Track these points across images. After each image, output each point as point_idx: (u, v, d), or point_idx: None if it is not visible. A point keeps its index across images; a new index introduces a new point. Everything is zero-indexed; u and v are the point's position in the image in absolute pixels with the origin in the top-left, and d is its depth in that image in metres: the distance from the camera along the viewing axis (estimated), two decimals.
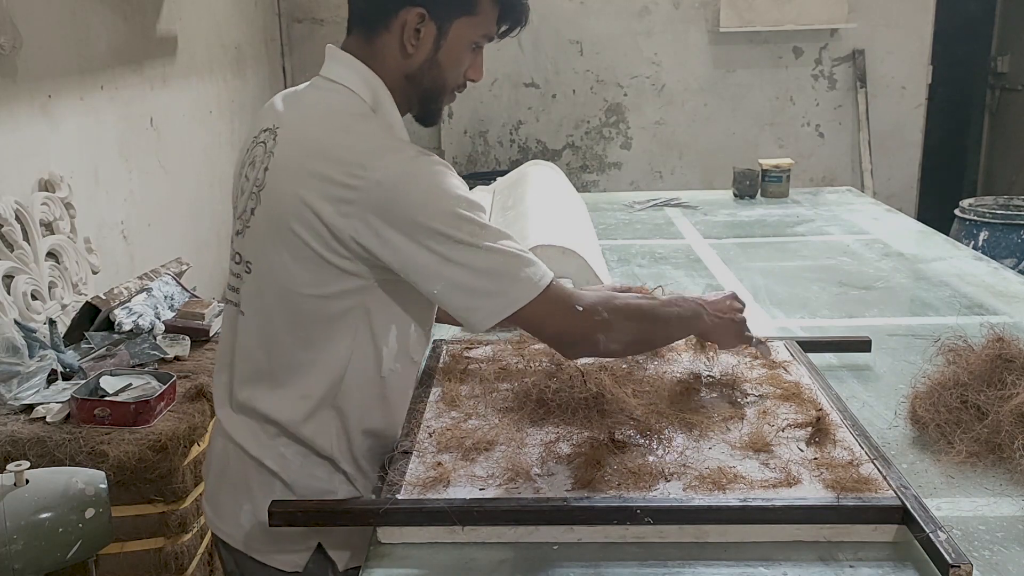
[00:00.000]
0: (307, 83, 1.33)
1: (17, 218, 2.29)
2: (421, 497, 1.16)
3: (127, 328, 2.29)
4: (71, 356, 2.12)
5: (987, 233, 3.83)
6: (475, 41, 1.26)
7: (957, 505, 1.21)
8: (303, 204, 1.17)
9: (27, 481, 1.48)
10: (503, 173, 3.41)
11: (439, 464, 1.24)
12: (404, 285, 1.21)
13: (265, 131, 1.27)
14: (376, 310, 1.24)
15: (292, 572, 1.30)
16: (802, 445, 1.28)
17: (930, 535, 1.04)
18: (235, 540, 1.32)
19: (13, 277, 2.26)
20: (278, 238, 1.20)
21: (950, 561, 1.00)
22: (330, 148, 1.18)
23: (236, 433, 1.30)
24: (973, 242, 3.78)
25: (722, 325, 1.41)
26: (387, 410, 1.32)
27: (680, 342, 1.71)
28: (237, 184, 1.32)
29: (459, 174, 3.41)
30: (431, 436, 1.32)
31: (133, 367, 2.16)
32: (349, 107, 1.23)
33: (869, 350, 1.72)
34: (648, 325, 1.30)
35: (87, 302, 2.34)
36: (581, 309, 1.21)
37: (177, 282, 2.57)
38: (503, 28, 1.29)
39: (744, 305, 1.48)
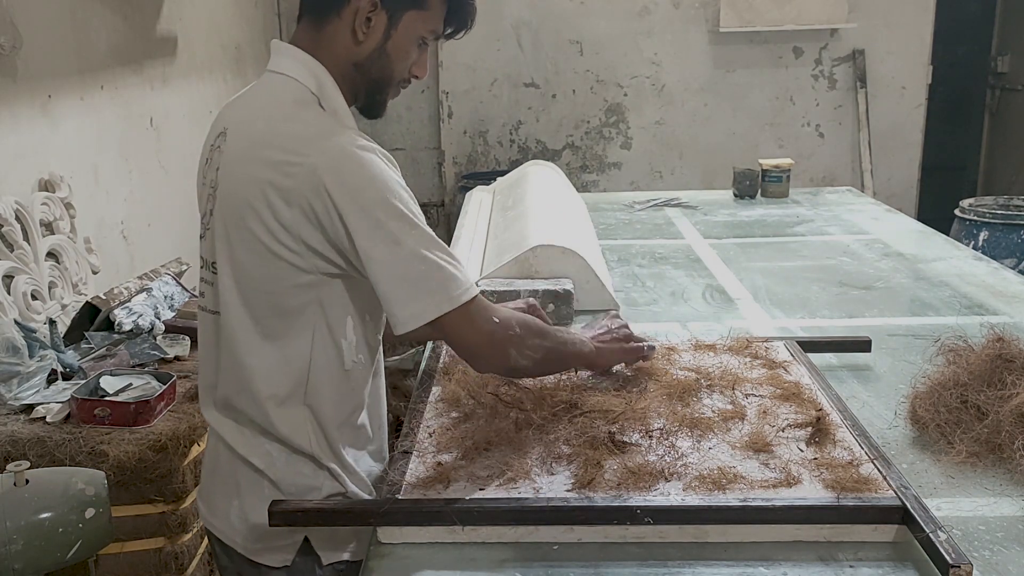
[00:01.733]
0: (257, 81, 1.34)
1: (17, 218, 2.29)
2: (421, 497, 1.16)
3: (127, 328, 2.29)
4: (71, 356, 2.12)
5: (987, 233, 3.83)
6: (422, 36, 1.27)
7: (957, 505, 1.21)
8: (251, 198, 1.18)
9: (27, 481, 1.48)
10: (503, 173, 3.41)
11: (439, 464, 1.24)
12: (354, 277, 1.22)
13: (219, 135, 1.28)
14: (330, 304, 1.23)
15: (280, 568, 1.31)
16: (802, 445, 1.28)
17: (930, 535, 1.04)
18: (226, 536, 1.33)
19: (13, 277, 2.26)
20: (234, 236, 1.21)
21: (950, 561, 1.00)
22: (272, 137, 1.19)
23: (223, 431, 1.31)
24: (973, 242, 3.78)
25: (608, 350, 1.46)
26: (358, 402, 1.32)
27: (679, 343, 1.71)
28: (199, 190, 1.34)
29: (459, 174, 3.42)
30: (431, 436, 1.32)
31: (133, 367, 2.16)
32: (292, 96, 1.23)
33: (869, 350, 1.72)
34: (552, 345, 1.32)
35: (87, 302, 2.34)
36: (497, 321, 1.23)
37: (177, 282, 2.57)
38: (449, 29, 1.31)
39: (624, 323, 1.54)
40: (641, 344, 1.51)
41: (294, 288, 1.21)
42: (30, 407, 1.96)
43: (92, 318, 2.32)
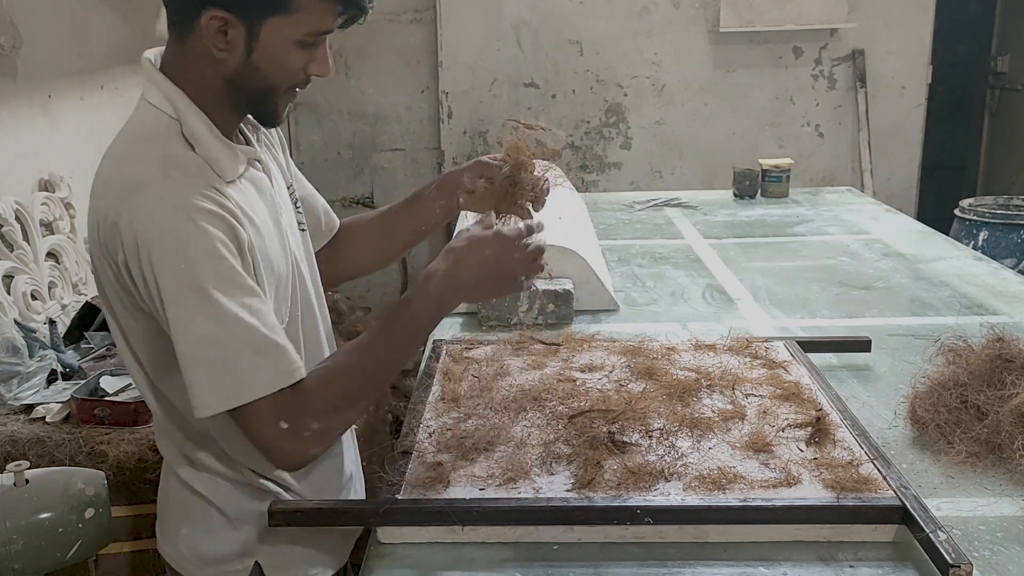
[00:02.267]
0: None
1: (17, 218, 2.29)
2: (421, 497, 1.16)
3: None
4: (71, 356, 2.12)
5: (987, 233, 3.83)
6: (298, 40, 1.12)
7: (957, 505, 1.21)
8: (93, 243, 1.13)
9: (27, 481, 1.48)
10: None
11: (439, 464, 1.24)
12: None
13: None
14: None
15: None
16: (802, 445, 1.28)
17: (930, 535, 1.05)
18: (178, 564, 1.28)
19: (13, 277, 2.26)
20: (99, 280, 1.16)
21: (950, 561, 1.00)
22: (108, 181, 1.11)
23: (170, 458, 1.26)
24: (973, 242, 3.78)
25: (470, 285, 1.18)
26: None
27: (679, 343, 1.71)
28: None
29: None
30: (431, 436, 1.33)
31: None
32: (139, 129, 1.15)
33: (869, 350, 1.72)
34: (365, 386, 1.15)
35: (87, 302, 2.34)
36: (286, 427, 1.08)
37: None
38: (341, 20, 1.15)
39: (522, 246, 1.21)
40: (524, 280, 1.21)
41: (145, 333, 1.14)
42: (30, 407, 1.96)
43: (92, 318, 2.32)
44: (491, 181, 1.35)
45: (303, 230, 1.34)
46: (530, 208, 1.35)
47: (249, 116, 1.22)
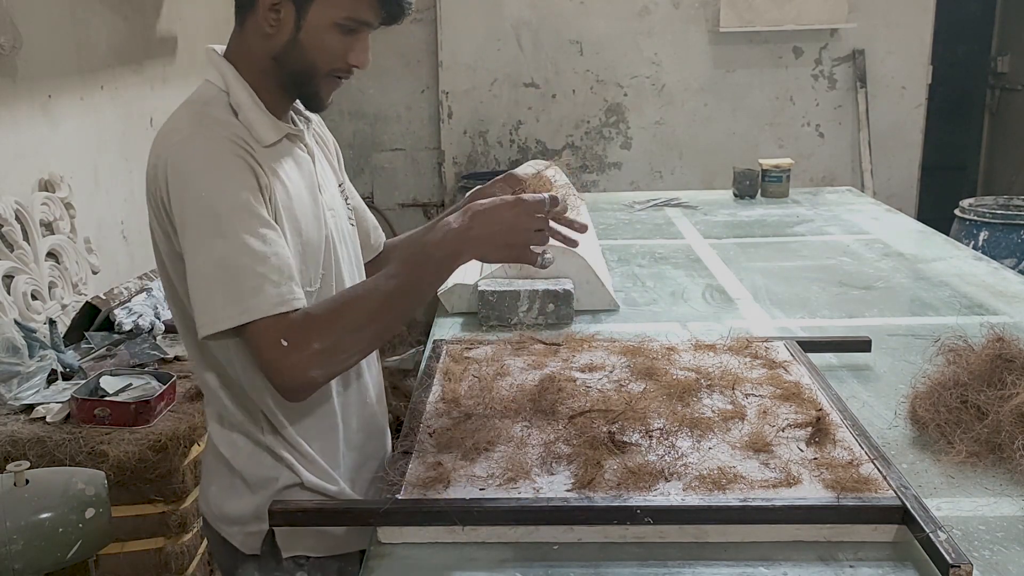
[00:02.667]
0: None
1: (17, 218, 2.29)
2: (421, 497, 1.16)
3: (127, 328, 2.29)
4: (71, 356, 2.12)
5: (987, 233, 3.83)
6: (339, 23, 1.21)
7: (957, 505, 1.21)
8: (149, 197, 1.22)
9: (27, 481, 1.48)
10: (503, 173, 3.40)
11: (439, 464, 1.24)
12: None
13: None
14: None
15: (251, 555, 1.33)
16: (802, 445, 1.28)
17: (930, 535, 1.04)
18: (209, 518, 1.38)
19: (13, 277, 2.26)
20: (154, 234, 1.25)
21: (950, 561, 1.00)
22: (151, 151, 1.22)
23: (208, 419, 1.35)
24: (973, 242, 3.78)
25: (487, 236, 1.19)
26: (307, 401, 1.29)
27: (679, 343, 1.71)
28: None
29: (459, 174, 3.41)
30: (431, 436, 1.32)
31: (133, 367, 2.16)
32: (195, 96, 1.27)
33: (869, 350, 1.72)
34: (374, 319, 1.17)
35: (87, 302, 2.34)
36: (286, 344, 1.12)
37: None
38: (384, 14, 1.24)
39: (544, 203, 1.23)
40: (536, 251, 1.22)
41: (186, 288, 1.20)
42: (30, 407, 1.96)
43: (92, 318, 2.33)
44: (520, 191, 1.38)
45: (352, 224, 1.43)
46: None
47: (299, 104, 1.32)
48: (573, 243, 1.38)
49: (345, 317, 1.17)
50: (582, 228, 1.37)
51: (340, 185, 1.44)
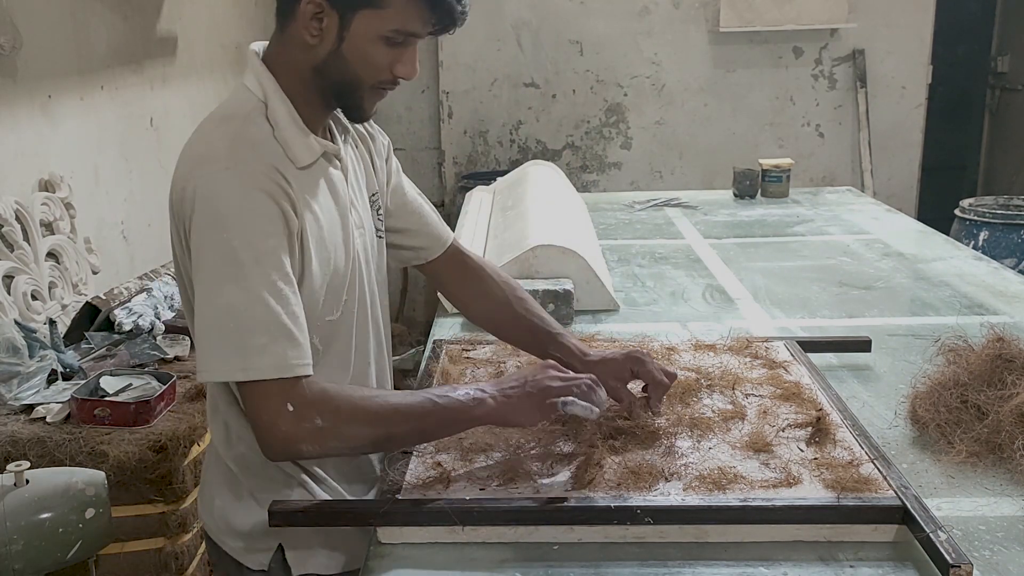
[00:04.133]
0: None
1: (17, 218, 2.29)
2: (421, 497, 1.16)
3: (127, 328, 2.29)
4: (71, 356, 2.12)
5: (987, 233, 3.83)
6: (384, 35, 1.16)
7: (957, 505, 1.21)
8: (171, 216, 1.19)
9: (27, 481, 1.48)
10: (503, 173, 3.41)
11: (438, 464, 1.24)
12: None
13: None
14: None
15: (258, 571, 1.29)
16: (802, 445, 1.28)
17: (930, 535, 1.04)
18: (214, 533, 1.34)
19: (13, 277, 2.26)
20: (175, 253, 1.21)
21: (950, 561, 1.00)
22: (181, 158, 1.18)
23: (212, 429, 1.32)
24: (973, 242, 3.78)
25: (512, 404, 1.20)
26: None
27: (679, 343, 1.71)
28: None
29: (459, 174, 3.42)
30: None
31: (133, 367, 2.16)
32: (231, 110, 1.21)
33: (869, 350, 1.72)
34: (384, 432, 1.15)
35: (87, 302, 2.34)
36: (292, 409, 1.09)
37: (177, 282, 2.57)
38: (431, 27, 1.19)
39: (562, 375, 1.25)
40: (556, 401, 1.20)
41: None
42: (30, 407, 1.96)
43: (92, 318, 2.33)
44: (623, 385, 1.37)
45: (380, 237, 1.38)
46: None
47: (340, 113, 1.28)
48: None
49: (360, 414, 1.14)
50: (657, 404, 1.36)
51: (373, 195, 1.38)
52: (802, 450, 1.27)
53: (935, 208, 4.93)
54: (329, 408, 1.11)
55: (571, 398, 1.20)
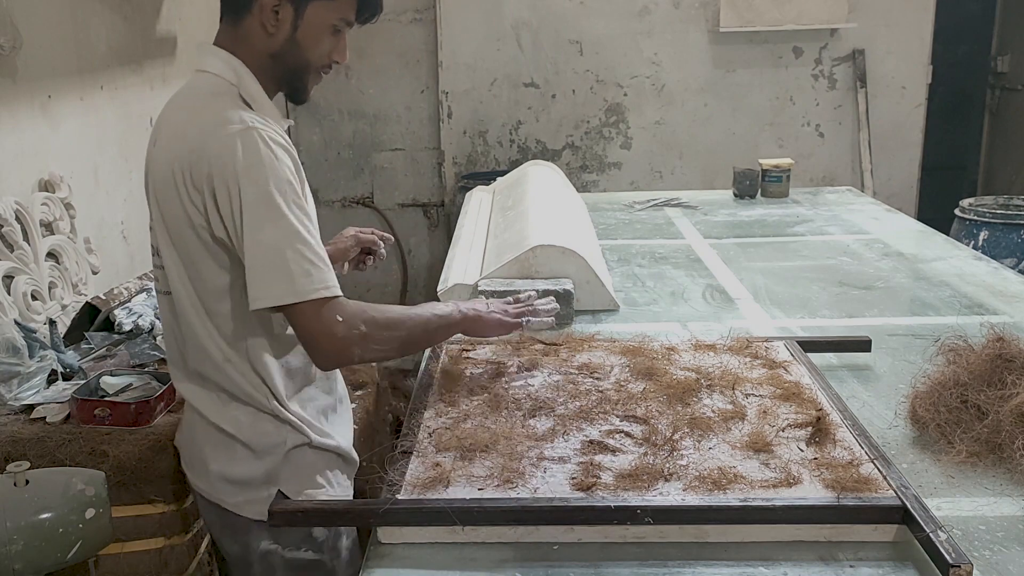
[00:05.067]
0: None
1: (17, 218, 2.29)
2: (421, 497, 1.16)
3: (127, 328, 2.29)
4: (71, 356, 2.12)
5: (987, 233, 3.83)
6: (333, 24, 1.35)
7: (957, 505, 1.21)
8: (177, 185, 1.28)
9: (27, 481, 1.48)
10: (503, 173, 3.40)
11: (438, 464, 1.24)
12: None
13: (155, 132, 1.38)
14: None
15: (259, 520, 1.38)
16: (802, 445, 1.28)
17: (930, 535, 1.05)
18: (209, 494, 1.43)
19: (13, 277, 2.26)
20: (169, 223, 1.32)
21: (950, 561, 1.00)
22: (187, 128, 1.29)
23: (196, 401, 1.41)
24: (973, 242, 3.78)
25: (481, 321, 1.51)
26: (294, 347, 1.39)
27: (679, 343, 1.71)
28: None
29: (459, 174, 3.44)
30: (431, 436, 1.33)
31: (133, 367, 2.15)
32: (209, 88, 1.34)
33: (869, 350, 1.72)
34: (404, 333, 1.38)
35: (87, 302, 2.34)
36: (341, 320, 1.28)
37: None
38: (362, 17, 1.39)
39: (508, 307, 1.58)
40: (518, 317, 1.56)
41: (218, 267, 1.32)
42: (30, 407, 1.96)
43: (92, 318, 2.32)
44: None
45: None
46: None
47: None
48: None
49: (389, 321, 1.35)
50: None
51: None
52: (802, 450, 1.27)
53: (935, 208, 4.93)
54: (367, 317, 1.31)
55: (527, 318, 1.57)
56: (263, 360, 1.36)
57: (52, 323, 2.18)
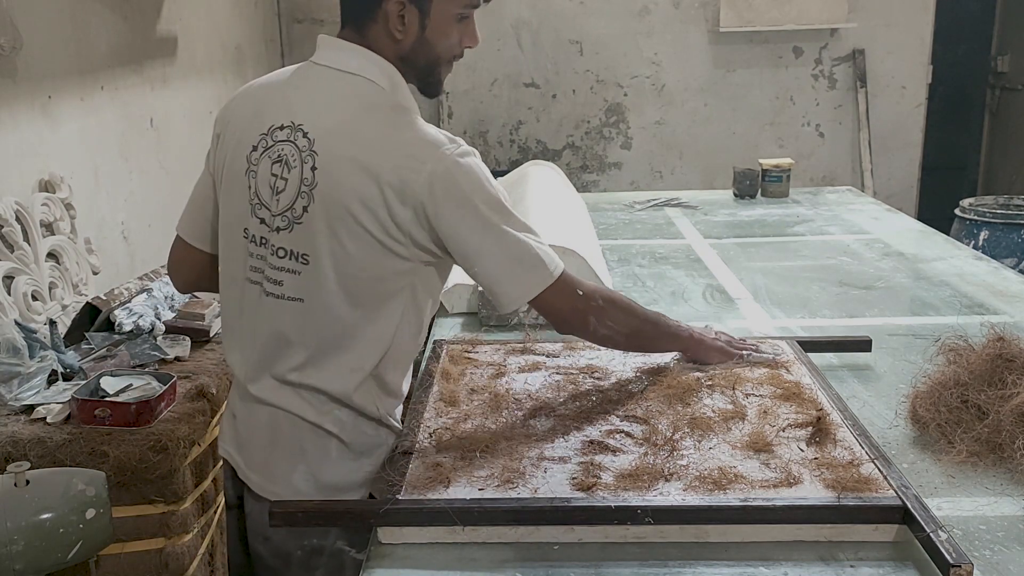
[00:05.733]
0: (294, 72, 1.39)
1: (17, 219, 2.29)
2: (421, 497, 1.16)
3: (127, 329, 2.29)
4: (71, 357, 2.12)
5: (987, 233, 3.83)
6: (459, 13, 1.34)
7: (958, 505, 1.21)
8: (367, 198, 1.26)
9: (28, 482, 1.48)
10: (503, 173, 3.40)
11: (438, 464, 1.24)
12: (444, 260, 1.35)
13: (283, 128, 1.32)
14: (421, 287, 1.36)
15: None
16: (802, 445, 1.28)
17: (931, 535, 1.04)
18: (280, 497, 1.36)
19: (13, 278, 2.26)
20: (341, 231, 1.28)
21: (951, 561, 1.00)
22: (382, 144, 1.28)
23: (285, 402, 1.36)
24: (973, 242, 3.78)
25: (704, 344, 1.56)
26: (409, 370, 1.45)
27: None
28: (247, 181, 1.35)
29: None
30: (431, 436, 1.33)
31: (133, 367, 2.15)
32: (380, 100, 1.32)
33: (869, 350, 1.72)
34: (637, 322, 1.45)
35: (87, 303, 2.34)
36: (581, 293, 1.36)
37: None
38: None
39: (733, 339, 1.62)
40: (740, 350, 1.59)
41: (395, 274, 1.32)
42: (30, 408, 1.96)
43: (92, 319, 2.32)
44: None
45: None
46: None
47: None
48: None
49: (623, 304, 1.44)
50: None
51: None
52: (802, 450, 1.27)
53: (935, 208, 4.94)
54: (603, 294, 1.41)
55: (749, 352, 1.58)
56: (388, 375, 1.38)
57: (52, 323, 2.18)
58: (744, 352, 1.58)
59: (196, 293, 2.58)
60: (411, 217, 1.27)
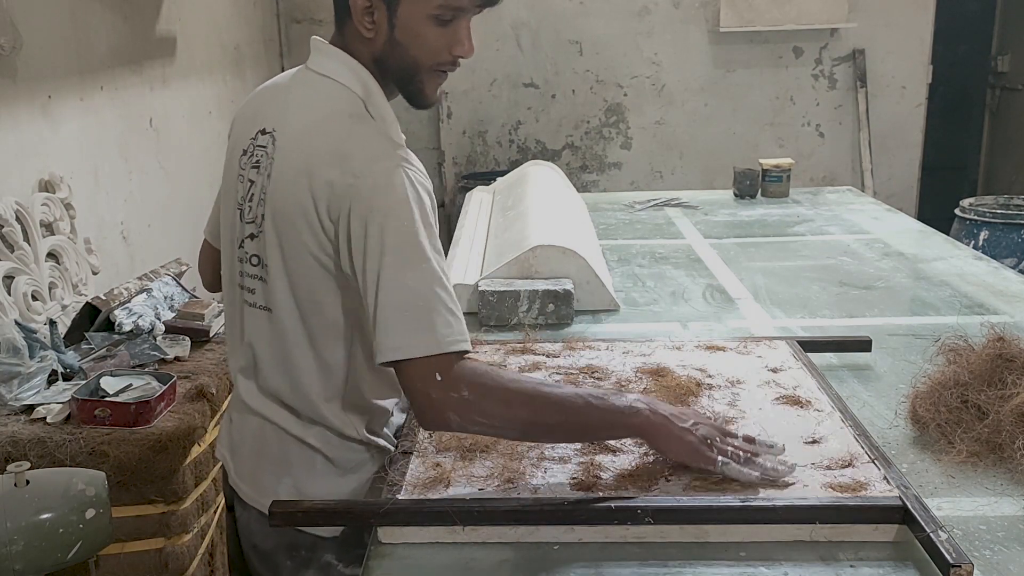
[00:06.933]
0: (292, 75, 1.35)
1: (17, 219, 2.29)
2: (421, 497, 1.16)
3: (127, 329, 2.29)
4: (71, 357, 2.12)
5: (987, 233, 3.83)
6: (431, 14, 1.21)
7: (958, 505, 1.21)
8: (305, 210, 1.20)
9: (27, 482, 1.48)
10: (503, 173, 3.41)
11: (438, 464, 1.24)
12: None
13: (264, 133, 1.29)
14: (365, 314, 1.23)
15: (331, 538, 1.34)
16: (802, 445, 1.28)
17: (931, 535, 1.04)
18: (265, 507, 1.33)
19: (13, 278, 2.26)
20: (285, 242, 1.23)
21: (951, 561, 1.00)
22: (330, 156, 1.19)
23: (272, 415, 1.33)
24: (973, 242, 3.78)
25: (669, 432, 1.18)
26: (392, 384, 1.33)
27: (683, 343, 1.71)
28: (237, 185, 1.33)
29: (459, 174, 3.45)
30: (430, 436, 1.33)
31: (133, 367, 2.15)
32: (345, 107, 1.25)
33: (869, 350, 1.72)
34: (528, 414, 1.16)
35: (87, 303, 2.34)
36: (440, 379, 1.13)
37: (177, 283, 2.57)
38: (478, 1, 1.24)
39: (720, 434, 1.22)
40: (714, 456, 1.18)
41: (334, 296, 1.24)
42: (30, 408, 1.96)
43: (92, 319, 2.32)
44: None
45: None
46: None
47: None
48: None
49: (505, 393, 1.16)
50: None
51: None
52: (802, 450, 1.27)
53: (935, 208, 4.94)
54: (476, 383, 1.14)
55: (729, 460, 1.17)
56: (364, 399, 1.32)
57: (52, 323, 2.18)
58: (723, 461, 1.17)
59: (195, 293, 2.58)
60: (339, 234, 1.18)
